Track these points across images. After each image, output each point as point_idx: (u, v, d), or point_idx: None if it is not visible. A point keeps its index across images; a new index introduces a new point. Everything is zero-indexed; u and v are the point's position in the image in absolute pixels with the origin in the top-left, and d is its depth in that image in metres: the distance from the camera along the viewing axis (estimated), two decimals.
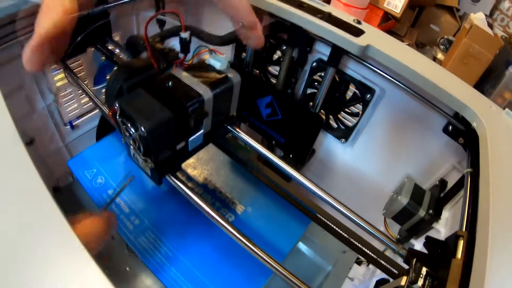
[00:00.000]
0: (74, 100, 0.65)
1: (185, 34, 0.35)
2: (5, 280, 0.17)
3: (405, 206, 0.46)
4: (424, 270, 0.30)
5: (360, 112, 0.59)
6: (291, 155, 0.64)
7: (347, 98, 0.59)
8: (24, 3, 0.42)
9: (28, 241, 0.19)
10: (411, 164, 0.57)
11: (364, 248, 0.37)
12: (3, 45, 0.46)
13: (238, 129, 0.42)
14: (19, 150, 0.22)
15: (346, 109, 0.60)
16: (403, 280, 0.31)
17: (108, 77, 0.67)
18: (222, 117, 0.39)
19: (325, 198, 0.38)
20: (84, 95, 0.66)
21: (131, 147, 0.34)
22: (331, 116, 0.63)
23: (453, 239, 0.30)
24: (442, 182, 0.52)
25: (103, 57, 0.61)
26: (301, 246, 0.64)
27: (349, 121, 0.62)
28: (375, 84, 0.54)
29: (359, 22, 0.49)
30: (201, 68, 0.35)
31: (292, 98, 0.62)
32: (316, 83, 0.60)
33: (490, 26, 1.32)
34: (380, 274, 0.43)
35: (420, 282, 0.30)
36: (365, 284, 0.62)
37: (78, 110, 0.67)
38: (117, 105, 0.30)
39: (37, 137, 0.62)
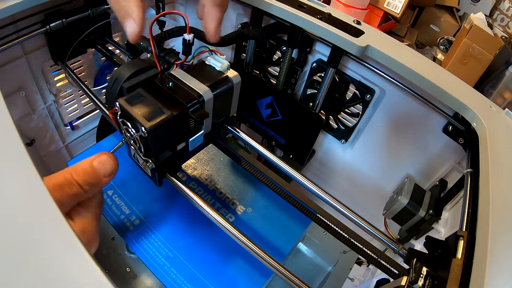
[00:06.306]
0: (74, 100, 0.65)
1: (189, 36, 0.35)
2: (6, 280, 0.17)
3: (405, 206, 0.46)
4: (424, 270, 0.30)
5: (360, 113, 0.59)
6: (291, 156, 0.65)
7: (347, 98, 0.59)
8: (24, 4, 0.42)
9: (28, 242, 0.19)
10: (411, 164, 0.58)
11: (364, 248, 0.37)
12: (4, 45, 0.46)
13: (238, 130, 0.42)
14: (19, 151, 0.22)
15: (346, 110, 0.60)
16: (404, 280, 0.31)
17: (108, 78, 0.68)
18: (222, 117, 0.39)
19: (325, 199, 0.38)
20: (84, 95, 0.66)
21: (132, 147, 0.34)
22: (331, 117, 0.63)
23: (453, 239, 0.30)
24: (442, 182, 0.52)
25: (103, 58, 0.61)
26: (302, 246, 0.64)
27: (349, 121, 0.62)
28: (375, 84, 0.54)
29: (358, 23, 0.49)
30: (201, 68, 0.35)
31: (292, 99, 0.62)
32: (316, 84, 0.61)
33: (490, 26, 1.33)
34: (380, 274, 0.43)
35: (421, 282, 0.30)
36: (366, 284, 0.62)
37: (78, 110, 0.67)
38: (117, 105, 0.30)
39: (37, 138, 0.62)
